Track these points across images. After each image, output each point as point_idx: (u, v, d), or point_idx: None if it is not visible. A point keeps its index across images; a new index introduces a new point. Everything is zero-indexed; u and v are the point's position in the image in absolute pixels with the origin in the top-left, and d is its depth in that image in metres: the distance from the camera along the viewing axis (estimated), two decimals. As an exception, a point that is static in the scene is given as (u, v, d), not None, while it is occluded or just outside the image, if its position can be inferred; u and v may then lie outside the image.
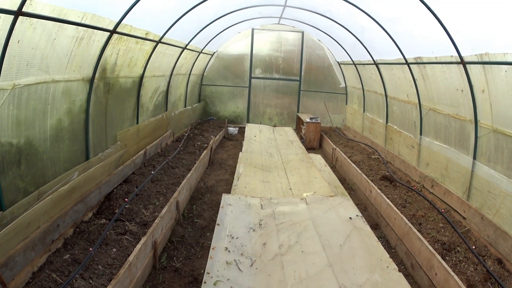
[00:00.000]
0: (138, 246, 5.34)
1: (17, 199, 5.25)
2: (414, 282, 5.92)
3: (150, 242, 5.73)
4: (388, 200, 7.64)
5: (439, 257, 5.33)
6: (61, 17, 5.41)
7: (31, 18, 4.82)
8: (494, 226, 6.45)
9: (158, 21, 9.14)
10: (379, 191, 8.23)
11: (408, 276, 5.98)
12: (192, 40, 12.72)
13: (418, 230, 6.44)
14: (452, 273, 4.92)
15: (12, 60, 4.80)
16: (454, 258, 6.30)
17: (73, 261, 5.56)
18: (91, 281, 5.13)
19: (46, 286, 4.89)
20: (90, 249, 5.82)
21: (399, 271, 5.31)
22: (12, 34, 4.56)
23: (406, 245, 6.42)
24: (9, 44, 4.57)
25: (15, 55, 4.84)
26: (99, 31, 6.70)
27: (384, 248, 5.92)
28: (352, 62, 15.17)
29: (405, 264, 6.41)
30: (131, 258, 5.01)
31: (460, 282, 4.74)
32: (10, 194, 5.15)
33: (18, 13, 4.48)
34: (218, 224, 6.40)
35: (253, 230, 6.27)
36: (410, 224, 6.49)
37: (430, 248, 5.64)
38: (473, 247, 6.56)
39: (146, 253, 5.60)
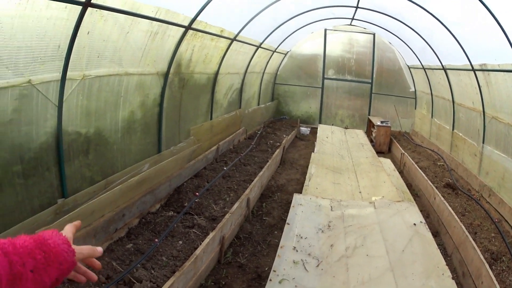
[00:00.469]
0: (206, 240, 5.16)
1: (82, 187, 5.10)
2: (463, 290, 5.61)
3: (218, 237, 5.51)
4: (450, 208, 7.26)
5: (487, 266, 5.11)
6: (133, 10, 5.20)
7: (102, 10, 4.61)
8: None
9: (232, 19, 8.86)
10: (442, 198, 7.83)
11: (458, 284, 5.61)
12: (266, 39, 12.39)
13: (473, 239, 6.12)
14: (495, 282, 4.71)
15: (81, 51, 4.62)
16: (498, 268, 6.11)
17: (135, 250, 5.38)
18: (152, 271, 4.94)
19: (104, 273, 4.71)
20: (156, 240, 5.62)
21: (452, 278, 5.00)
22: (81, 25, 4.36)
23: (461, 254, 6.09)
24: (78, 35, 4.38)
25: (85, 46, 4.65)
26: (174, 26, 6.49)
27: (442, 255, 5.55)
28: (421, 66, 14.33)
29: (457, 272, 6.07)
30: (197, 251, 4.80)
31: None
32: (74, 182, 5.00)
33: (86, 4, 4.26)
34: (288, 223, 6.10)
35: (322, 231, 5.98)
36: (467, 233, 6.14)
37: (482, 257, 5.35)
38: None
39: (213, 248, 5.37)
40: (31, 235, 1.17)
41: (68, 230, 1.33)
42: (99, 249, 1.35)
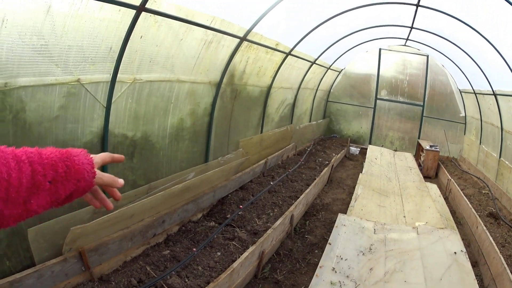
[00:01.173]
0: (245, 254, 4.98)
1: (124, 189, 4.98)
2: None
3: (257, 252, 5.30)
4: (491, 238, 6.97)
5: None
6: (188, 18, 5.12)
7: (156, 16, 4.56)
8: None
9: (288, 33, 8.68)
10: (484, 228, 7.52)
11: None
12: (321, 55, 12.16)
13: (511, 272, 5.84)
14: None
15: (133, 54, 4.58)
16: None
17: (172, 257, 5.23)
18: (186, 280, 4.76)
19: (136, 277, 4.59)
20: (194, 249, 5.46)
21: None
22: (134, 29, 4.33)
23: (497, 286, 5.87)
24: (131, 38, 4.35)
25: (137, 50, 4.61)
26: (228, 36, 6.37)
27: (479, 286, 5.30)
28: (472, 91, 13.73)
29: (492, 304, 5.75)
30: (235, 264, 4.63)
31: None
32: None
33: (140, 8, 4.22)
34: (330, 243, 5.90)
35: (363, 253, 5.79)
36: (505, 265, 5.90)
37: None
38: None
39: (251, 262, 5.17)
40: (60, 149, 1.19)
41: (101, 156, 1.36)
42: (121, 181, 1.36)
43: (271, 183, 9.05)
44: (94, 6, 3.74)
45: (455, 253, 6.03)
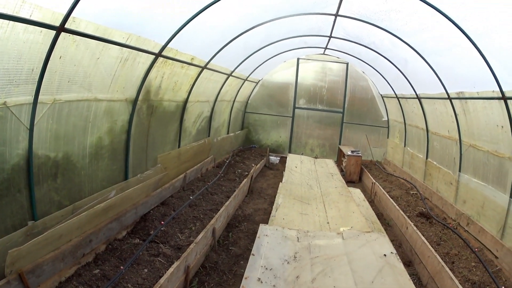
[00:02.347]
0: (171, 269, 5.33)
1: (51, 211, 5.30)
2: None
3: (183, 266, 5.69)
4: (423, 238, 7.54)
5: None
6: (105, 36, 5.49)
7: (74, 36, 4.90)
8: (526, 267, 6.23)
9: (203, 47, 9.17)
10: (415, 228, 8.12)
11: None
12: (238, 68, 12.77)
13: (450, 269, 6.33)
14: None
15: (53, 75, 4.89)
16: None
17: (102, 276, 5.55)
18: None
19: None
20: (122, 267, 5.80)
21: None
22: (54, 49, 4.65)
23: (437, 284, 6.29)
24: (51, 59, 4.66)
25: (56, 71, 4.93)
26: (144, 53, 6.77)
27: (415, 286, 5.70)
28: (395, 96, 14.96)
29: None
30: (162, 280, 4.98)
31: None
32: (43, 205, 5.20)
33: (60, 29, 4.56)
34: (253, 254, 6.23)
35: (288, 262, 6.09)
36: (443, 263, 6.37)
37: (460, 287, 5.56)
38: (503, 287, 6.47)
39: (178, 277, 5.55)
40: None
41: None
42: None
43: (191, 197, 9.48)
44: (19, 27, 4.05)
45: (385, 255, 6.37)
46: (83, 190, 6.12)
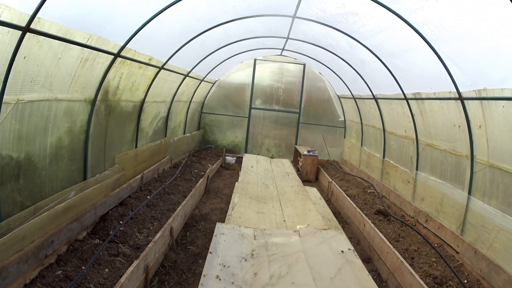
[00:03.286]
0: (130, 268, 5.43)
1: (14, 212, 5.37)
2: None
3: (142, 266, 5.82)
4: (381, 234, 7.77)
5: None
6: (67, 37, 5.60)
7: (39, 36, 5.00)
8: (487, 260, 6.54)
9: (162, 47, 9.32)
10: (372, 225, 8.36)
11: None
12: (195, 68, 12.94)
13: (410, 265, 6.54)
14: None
15: (17, 75, 4.97)
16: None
17: (65, 277, 5.63)
18: None
19: None
20: (83, 267, 5.90)
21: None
22: (19, 49, 4.75)
23: (397, 279, 6.48)
24: (16, 59, 4.75)
25: (21, 71, 5.01)
26: (103, 53, 6.88)
27: (376, 281, 5.94)
28: (352, 96, 15.39)
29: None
30: (122, 279, 5.09)
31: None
32: (7, 206, 5.27)
33: (25, 29, 4.67)
34: (211, 252, 6.36)
35: (245, 260, 6.24)
36: (402, 259, 6.58)
37: (421, 282, 5.74)
38: (465, 281, 6.64)
39: (138, 276, 5.67)
40: None
41: None
42: None
43: (148, 197, 9.63)
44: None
45: (342, 251, 6.59)
46: (44, 190, 6.19)
